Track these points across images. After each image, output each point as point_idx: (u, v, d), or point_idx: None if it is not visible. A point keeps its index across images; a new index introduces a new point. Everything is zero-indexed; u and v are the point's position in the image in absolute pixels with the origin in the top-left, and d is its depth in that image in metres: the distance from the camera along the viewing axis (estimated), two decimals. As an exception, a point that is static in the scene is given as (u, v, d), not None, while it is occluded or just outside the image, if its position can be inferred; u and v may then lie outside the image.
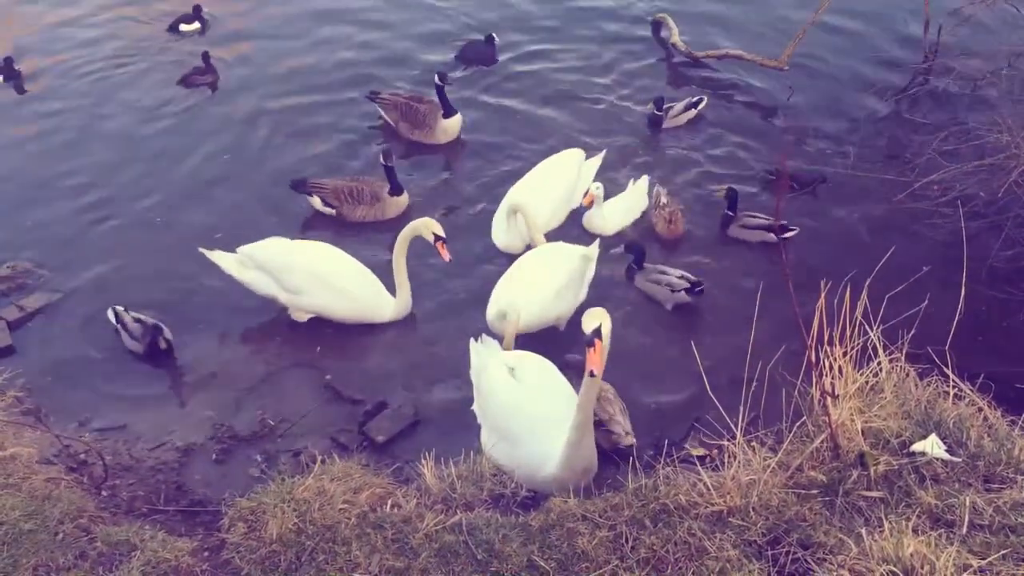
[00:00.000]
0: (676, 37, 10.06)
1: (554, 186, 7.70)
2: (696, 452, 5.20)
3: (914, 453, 4.10)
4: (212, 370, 6.57)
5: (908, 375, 4.58)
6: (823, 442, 4.15)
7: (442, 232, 6.64)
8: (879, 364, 4.52)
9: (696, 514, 3.92)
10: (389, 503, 4.35)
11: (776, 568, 3.67)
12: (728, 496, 3.96)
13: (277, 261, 6.74)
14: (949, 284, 5.25)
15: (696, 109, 8.94)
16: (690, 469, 4.31)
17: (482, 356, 5.63)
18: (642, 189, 7.88)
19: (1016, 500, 3.74)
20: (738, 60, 9.73)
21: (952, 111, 8.98)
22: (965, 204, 6.72)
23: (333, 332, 6.87)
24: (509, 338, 6.17)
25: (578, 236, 7.53)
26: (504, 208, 7.55)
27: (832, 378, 4.26)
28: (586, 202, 7.58)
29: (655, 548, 3.79)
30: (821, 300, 4.21)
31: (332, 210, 7.81)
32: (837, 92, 9.46)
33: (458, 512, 4.25)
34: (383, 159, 7.73)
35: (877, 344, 4.50)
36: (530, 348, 6.01)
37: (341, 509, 4.22)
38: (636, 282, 7.11)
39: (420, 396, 6.31)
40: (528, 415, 5.08)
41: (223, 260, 6.86)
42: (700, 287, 6.84)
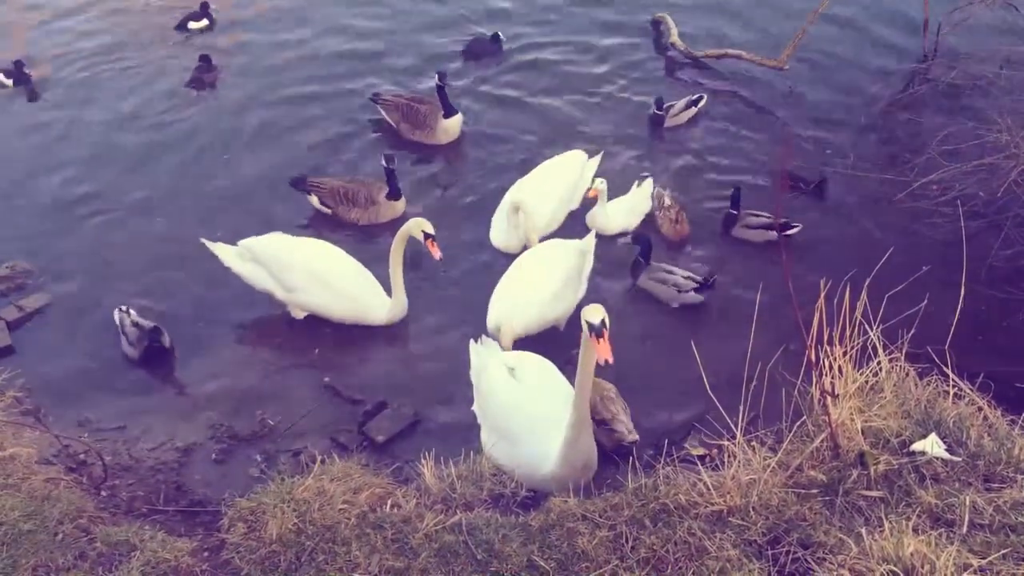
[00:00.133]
0: (675, 36, 10.05)
1: (555, 187, 7.70)
2: (696, 452, 5.19)
3: (914, 452, 4.10)
4: (212, 370, 6.58)
5: (908, 374, 4.58)
6: (823, 442, 4.15)
7: (432, 230, 6.60)
8: (879, 363, 4.51)
9: (696, 514, 3.92)
10: (389, 503, 4.35)
11: (776, 568, 3.67)
12: (728, 496, 3.96)
13: (275, 257, 6.74)
14: (949, 283, 5.23)
15: (696, 107, 8.94)
16: (690, 469, 4.31)
17: (482, 356, 5.64)
18: (646, 192, 7.88)
19: (1016, 499, 3.73)
20: (738, 60, 9.73)
21: (952, 111, 8.98)
22: (964, 204, 6.71)
23: (333, 332, 6.87)
24: (506, 346, 6.18)
25: (579, 236, 7.50)
26: (504, 207, 7.54)
27: (832, 378, 4.26)
28: (591, 195, 7.57)
29: (655, 548, 3.79)
30: (821, 300, 4.21)
31: (329, 210, 7.82)
32: (837, 92, 9.46)
33: (458, 512, 4.25)
34: (385, 162, 7.72)
35: (877, 343, 4.49)
36: (530, 348, 6.01)
37: (341, 509, 4.21)
38: (639, 281, 7.09)
39: (420, 396, 6.31)
40: (528, 415, 5.09)
41: (223, 251, 6.87)
42: (713, 280, 6.85)
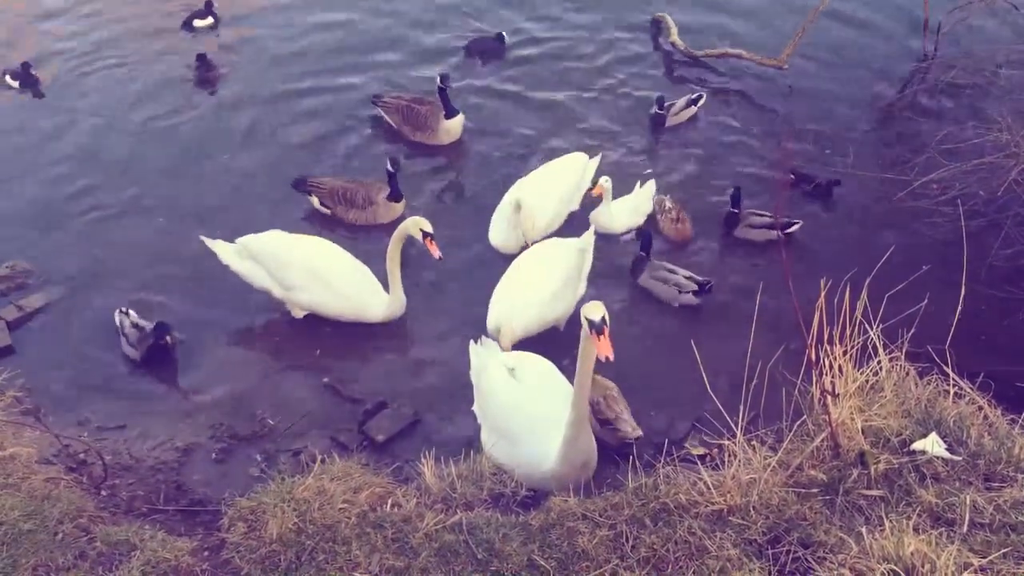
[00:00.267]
0: (675, 36, 10.04)
1: (557, 187, 7.69)
2: (696, 451, 5.20)
3: (914, 452, 4.10)
4: (212, 370, 6.58)
5: (908, 374, 4.59)
6: (823, 441, 4.15)
7: (430, 229, 6.54)
8: (879, 363, 4.52)
9: (696, 513, 3.92)
10: (389, 502, 4.35)
11: (776, 567, 3.67)
12: (728, 495, 3.96)
13: (273, 255, 6.72)
14: (949, 283, 5.24)
15: (696, 106, 8.94)
16: (690, 468, 4.31)
17: (482, 357, 5.63)
18: (648, 192, 7.88)
19: (1017, 498, 3.73)
20: (737, 59, 9.73)
21: (952, 110, 8.98)
22: (965, 203, 6.71)
23: (333, 332, 6.86)
24: (506, 347, 6.16)
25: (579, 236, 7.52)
26: (504, 207, 7.54)
27: (832, 377, 4.26)
28: (596, 193, 7.56)
29: (655, 547, 3.79)
30: (821, 299, 4.21)
31: (328, 210, 7.81)
32: (837, 91, 9.45)
33: (458, 511, 4.25)
34: (389, 165, 7.68)
35: (877, 343, 4.50)
36: (530, 348, 6.01)
37: (341, 508, 4.21)
38: (640, 280, 7.07)
39: (420, 396, 6.30)
40: (527, 414, 5.09)
41: (221, 249, 6.86)
42: (709, 285, 6.84)
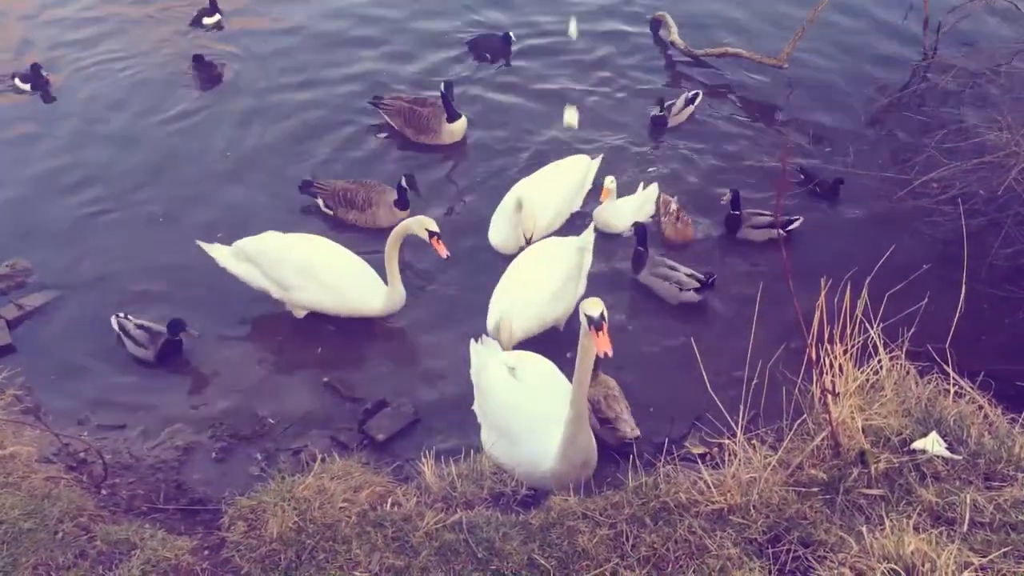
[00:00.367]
0: (675, 35, 10.03)
1: (559, 187, 7.69)
2: (696, 450, 5.20)
3: (915, 451, 4.10)
4: (212, 369, 6.58)
5: (908, 373, 4.59)
6: (823, 440, 4.15)
7: (436, 228, 6.51)
8: (879, 362, 4.52)
9: (696, 512, 3.92)
10: (389, 501, 4.35)
11: (777, 566, 3.67)
12: (728, 494, 3.96)
13: (267, 256, 6.70)
14: (949, 282, 5.24)
15: (694, 104, 8.93)
16: (690, 467, 4.31)
17: (482, 356, 5.64)
18: (651, 193, 7.87)
19: (1017, 498, 3.73)
20: (737, 58, 9.72)
21: (952, 109, 8.98)
22: (965, 202, 6.71)
23: (333, 331, 6.86)
24: (506, 341, 6.15)
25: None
26: (504, 207, 7.53)
27: (832, 376, 4.26)
28: (603, 197, 7.56)
29: (655, 546, 3.79)
30: (821, 298, 4.21)
31: (330, 211, 7.81)
32: (837, 90, 9.45)
33: (458, 510, 4.25)
34: (405, 183, 7.59)
35: (877, 342, 4.50)
36: (530, 348, 6.01)
37: (341, 507, 4.21)
38: (640, 276, 7.06)
39: (420, 395, 6.31)
40: (528, 414, 5.09)
41: (218, 253, 6.85)
42: (712, 279, 6.84)
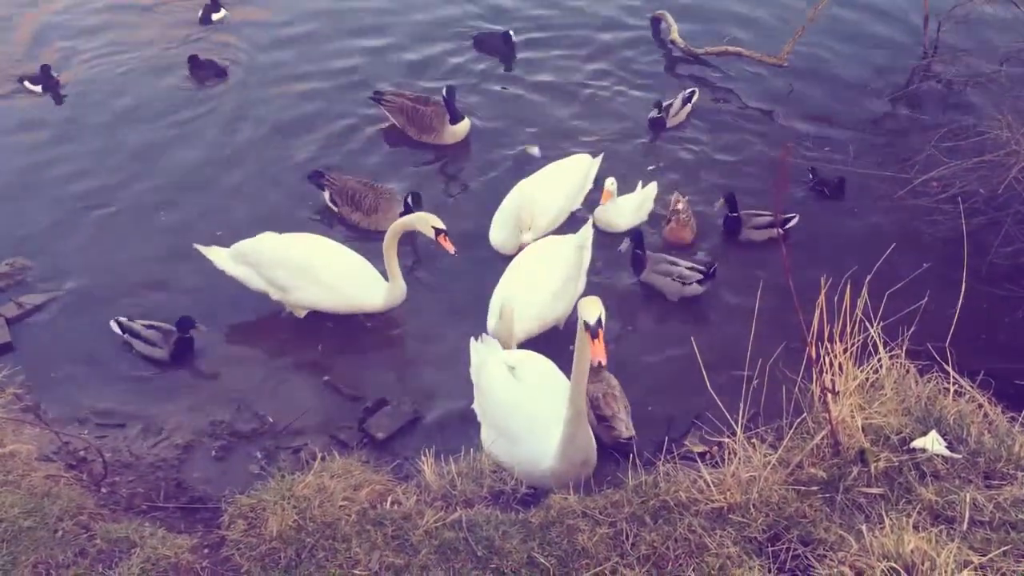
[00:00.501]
0: (675, 34, 10.03)
1: (561, 186, 7.68)
2: (696, 449, 5.20)
3: (914, 449, 4.10)
4: (212, 367, 6.58)
5: (908, 372, 4.59)
6: (823, 439, 4.15)
7: (442, 225, 6.49)
8: (879, 361, 4.52)
9: (696, 511, 3.92)
10: (389, 500, 4.35)
11: (776, 564, 3.67)
12: (728, 493, 3.96)
13: (263, 257, 6.67)
14: (949, 281, 5.24)
15: (691, 103, 8.92)
16: (690, 466, 4.31)
17: (482, 354, 5.63)
18: (651, 192, 7.85)
19: (1016, 496, 3.74)
20: (737, 57, 9.72)
21: (952, 107, 8.97)
22: (965, 201, 6.71)
23: (333, 329, 6.86)
24: (507, 333, 6.07)
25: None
26: (504, 207, 7.53)
27: (832, 375, 4.26)
28: (604, 200, 7.53)
29: (655, 545, 3.79)
30: (821, 297, 4.21)
31: (335, 207, 7.78)
32: (837, 88, 9.44)
33: (458, 509, 4.25)
34: (411, 201, 7.55)
35: (877, 341, 4.50)
36: (530, 347, 6.01)
37: (341, 506, 4.21)
38: (643, 276, 7.05)
39: (420, 393, 6.31)
40: (527, 413, 5.09)
41: (216, 256, 6.83)
42: (713, 268, 6.85)
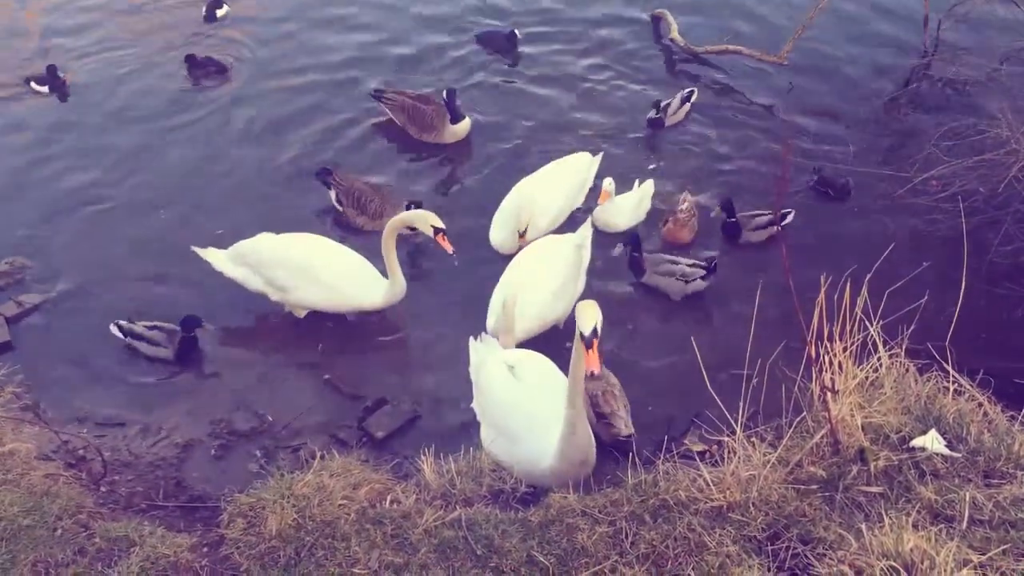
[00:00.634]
0: (675, 32, 10.03)
1: (562, 185, 7.67)
2: (696, 448, 5.20)
3: (914, 448, 4.10)
4: (211, 366, 6.59)
5: (908, 370, 4.59)
6: (823, 438, 4.15)
7: (441, 224, 6.46)
8: (879, 360, 4.52)
9: (696, 510, 3.92)
10: (388, 499, 4.35)
11: (776, 563, 3.67)
12: (728, 492, 3.96)
13: (261, 258, 6.64)
14: (949, 280, 5.24)
15: (690, 102, 8.91)
16: (690, 465, 4.31)
17: (481, 354, 5.63)
18: (648, 190, 7.84)
19: (1016, 495, 3.74)
20: (737, 55, 9.71)
21: (952, 106, 8.96)
22: (965, 200, 6.70)
23: (333, 328, 6.86)
24: (508, 326, 6.05)
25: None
26: (504, 207, 7.52)
27: (832, 374, 4.26)
28: (602, 200, 7.52)
29: (655, 543, 3.79)
30: (821, 296, 4.21)
31: (340, 207, 7.73)
32: (837, 87, 9.44)
33: (457, 508, 4.25)
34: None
35: (877, 340, 4.49)
36: (529, 346, 6.01)
37: (340, 505, 4.21)
38: (645, 278, 7.03)
39: (419, 392, 6.31)
40: (527, 412, 5.08)
41: (214, 258, 6.81)
42: (714, 263, 6.87)
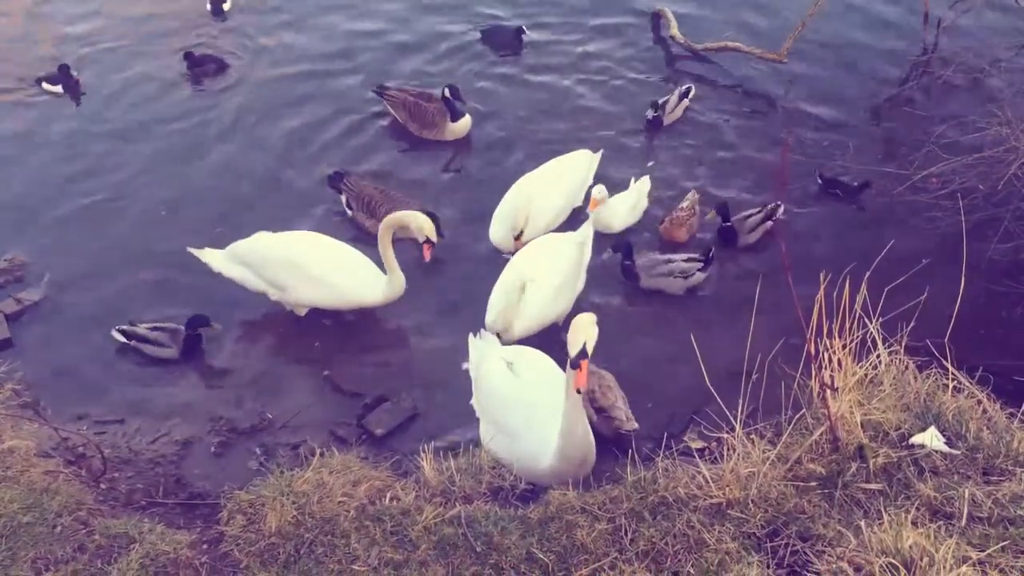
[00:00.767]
0: (675, 30, 10.01)
1: (562, 183, 7.66)
2: (695, 445, 5.21)
3: (913, 445, 4.11)
4: (211, 363, 6.58)
5: (907, 368, 4.59)
6: (822, 435, 4.15)
7: (435, 237, 6.48)
8: (878, 357, 4.52)
9: (695, 506, 3.93)
10: (388, 496, 4.35)
11: (775, 560, 3.68)
12: (727, 489, 3.96)
13: (260, 257, 6.62)
14: (948, 277, 5.23)
15: (687, 99, 8.90)
16: (689, 462, 4.32)
17: (481, 350, 5.63)
18: (644, 188, 7.83)
19: (1015, 492, 3.74)
20: (737, 53, 9.71)
21: (951, 104, 8.95)
22: (964, 197, 6.69)
23: (332, 325, 6.86)
24: (510, 316, 6.05)
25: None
26: (504, 205, 7.52)
27: (831, 371, 4.26)
28: (591, 208, 7.47)
29: (654, 540, 3.79)
30: (820, 292, 4.21)
31: (350, 212, 7.68)
32: (836, 84, 9.43)
33: (457, 505, 4.25)
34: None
35: (876, 337, 4.50)
36: (529, 343, 6.01)
37: (340, 502, 4.22)
38: (643, 283, 7.00)
39: (419, 390, 6.30)
40: (526, 409, 5.08)
41: (211, 257, 6.79)
42: (711, 253, 6.89)
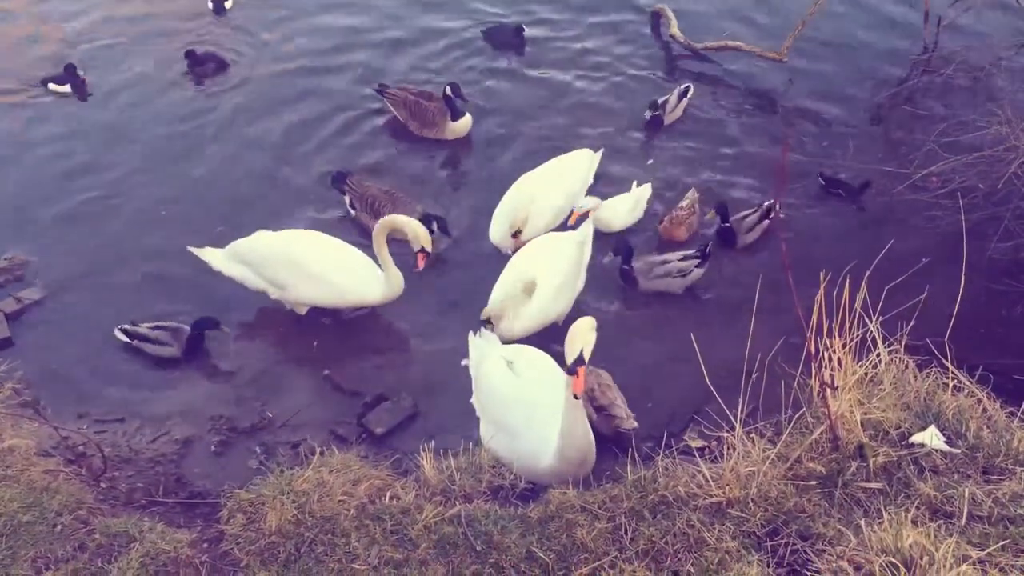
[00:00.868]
0: (675, 28, 10.01)
1: (563, 183, 7.65)
2: (695, 444, 5.21)
3: (913, 444, 4.11)
4: (211, 362, 6.58)
5: (907, 367, 4.59)
6: (822, 434, 4.16)
7: (430, 248, 6.49)
8: (878, 356, 4.53)
9: (695, 505, 3.93)
10: (388, 495, 4.35)
11: (775, 559, 3.68)
12: (727, 488, 3.96)
13: (260, 255, 6.62)
14: (948, 276, 5.24)
15: (687, 97, 8.90)
16: (689, 461, 4.32)
17: (481, 349, 5.64)
18: (645, 191, 7.82)
19: (1015, 491, 3.75)
20: (737, 52, 9.71)
21: (951, 102, 8.96)
22: (964, 196, 6.70)
23: (332, 324, 6.86)
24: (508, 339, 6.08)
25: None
26: (504, 204, 7.52)
27: (831, 370, 4.26)
28: (571, 221, 7.34)
29: (654, 539, 3.79)
30: (820, 292, 4.21)
31: (354, 212, 7.68)
32: (836, 83, 9.43)
33: (457, 504, 4.26)
34: (437, 227, 7.34)
35: (876, 336, 4.50)
36: (529, 342, 6.01)
37: (340, 501, 4.22)
38: (642, 287, 7.00)
39: (419, 388, 6.31)
40: (526, 407, 5.08)
41: (211, 256, 6.78)
42: (708, 248, 6.91)
